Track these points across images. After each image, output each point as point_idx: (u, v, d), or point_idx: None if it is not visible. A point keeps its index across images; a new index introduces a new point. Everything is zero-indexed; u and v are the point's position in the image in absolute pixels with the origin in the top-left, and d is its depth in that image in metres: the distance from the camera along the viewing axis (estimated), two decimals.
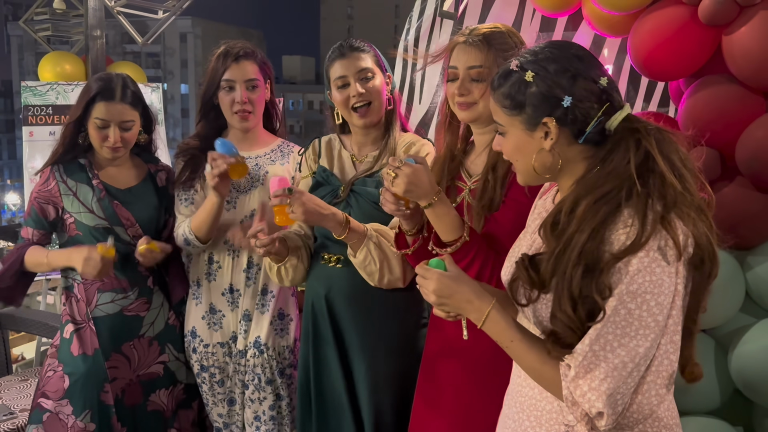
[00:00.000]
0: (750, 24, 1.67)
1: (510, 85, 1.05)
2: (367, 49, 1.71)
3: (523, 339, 1.04)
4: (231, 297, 1.93)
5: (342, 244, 1.69)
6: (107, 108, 1.83)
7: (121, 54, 34.91)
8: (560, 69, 1.02)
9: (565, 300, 0.97)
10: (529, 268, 1.03)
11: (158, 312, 1.99)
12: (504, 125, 1.08)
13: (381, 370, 1.69)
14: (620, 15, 2.02)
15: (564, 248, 0.98)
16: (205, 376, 1.97)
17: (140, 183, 1.97)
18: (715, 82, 1.79)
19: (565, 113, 1.02)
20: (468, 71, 1.39)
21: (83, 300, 1.92)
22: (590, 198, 0.99)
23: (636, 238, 0.94)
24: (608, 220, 0.97)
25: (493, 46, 1.38)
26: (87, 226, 1.88)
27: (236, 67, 1.84)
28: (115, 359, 1.93)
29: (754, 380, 1.77)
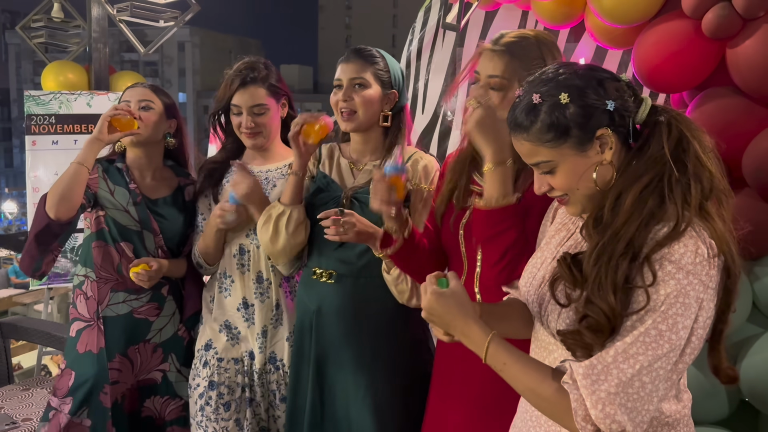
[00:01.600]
0: (754, 36, 1.69)
1: (545, 116, 1.00)
2: (373, 60, 1.69)
3: (518, 360, 1.00)
4: (246, 312, 1.89)
5: (334, 259, 1.69)
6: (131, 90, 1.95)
7: (119, 62, 34.97)
8: (586, 81, 1.00)
9: (607, 287, 0.94)
10: (572, 266, 1.00)
11: (168, 320, 1.99)
12: (552, 160, 1.02)
13: (381, 387, 1.67)
14: (623, 28, 2.03)
15: (609, 240, 0.96)
16: (212, 395, 1.87)
17: (170, 195, 1.99)
18: (721, 95, 1.80)
19: (612, 119, 0.99)
20: (488, 80, 1.40)
21: (94, 298, 1.93)
22: (635, 189, 0.96)
23: (676, 226, 0.93)
24: (655, 212, 0.95)
25: (516, 56, 1.38)
26: (118, 223, 1.91)
27: (243, 92, 1.83)
28: (119, 361, 1.93)
29: (762, 390, 1.77)
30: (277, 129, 1.93)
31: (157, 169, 2.00)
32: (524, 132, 1.02)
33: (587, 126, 0.99)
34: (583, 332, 0.96)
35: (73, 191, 1.79)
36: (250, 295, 1.89)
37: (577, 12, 2.28)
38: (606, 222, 0.98)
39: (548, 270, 1.09)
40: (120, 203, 1.91)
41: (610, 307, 0.94)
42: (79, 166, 1.79)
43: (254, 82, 1.84)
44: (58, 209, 1.79)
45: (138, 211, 1.92)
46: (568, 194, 1.04)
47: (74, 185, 1.79)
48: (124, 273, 1.90)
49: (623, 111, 1.00)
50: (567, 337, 0.99)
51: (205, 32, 46.79)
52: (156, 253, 1.95)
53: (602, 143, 1.00)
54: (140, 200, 1.93)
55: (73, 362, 1.94)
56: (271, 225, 1.70)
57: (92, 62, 3.49)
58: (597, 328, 0.95)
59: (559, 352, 1.08)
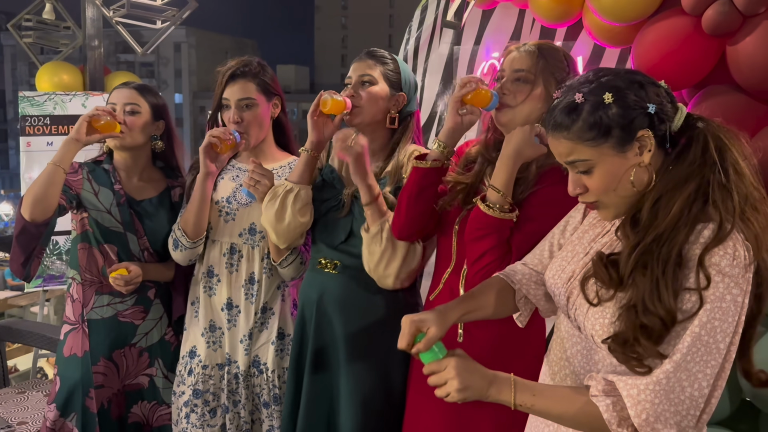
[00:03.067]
0: (754, 33, 1.67)
1: (587, 114, 1.01)
2: (384, 61, 1.72)
3: (543, 393, 1.02)
4: (230, 314, 1.88)
5: (339, 251, 1.70)
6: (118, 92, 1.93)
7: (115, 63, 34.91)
8: (629, 83, 1.01)
9: (665, 292, 0.94)
10: (608, 266, 1.01)
11: (155, 324, 1.97)
12: (591, 159, 1.03)
13: (369, 379, 1.68)
14: (622, 26, 2.02)
15: (654, 243, 0.97)
16: (198, 403, 1.86)
17: (157, 196, 1.97)
18: (720, 92, 1.79)
19: (652, 121, 1.01)
20: (514, 74, 1.43)
21: (79, 300, 1.92)
22: (684, 194, 0.98)
23: (721, 230, 0.95)
24: (699, 216, 0.97)
25: (543, 55, 1.42)
26: (101, 225, 1.89)
27: (231, 86, 1.84)
28: (104, 365, 1.91)
29: (764, 390, 1.76)
30: (266, 128, 1.90)
31: (144, 170, 1.98)
32: (564, 130, 1.03)
33: (629, 127, 1.00)
34: (642, 341, 0.95)
35: (47, 192, 1.76)
36: (236, 297, 1.88)
37: (575, 10, 2.27)
38: (644, 224, 1.00)
39: (579, 265, 1.11)
40: (103, 204, 1.89)
41: (668, 312, 0.94)
42: (54, 167, 1.76)
43: (244, 76, 1.84)
44: (33, 211, 1.77)
45: (120, 213, 1.89)
46: (602, 197, 1.05)
47: (49, 186, 1.76)
48: (108, 275, 1.89)
49: (662, 115, 1.01)
50: (619, 349, 0.98)
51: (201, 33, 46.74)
52: (141, 256, 1.92)
53: (641, 145, 1.01)
54: (123, 201, 1.91)
55: (61, 367, 1.93)
56: (278, 201, 1.69)
57: (87, 63, 3.48)
58: (654, 334, 0.95)
59: (582, 345, 1.10)
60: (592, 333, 1.04)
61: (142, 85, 1.98)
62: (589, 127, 1.01)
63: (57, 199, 1.79)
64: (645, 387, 0.94)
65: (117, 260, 1.90)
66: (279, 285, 1.91)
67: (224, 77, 1.84)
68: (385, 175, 1.70)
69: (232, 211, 1.89)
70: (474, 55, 2.81)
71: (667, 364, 0.94)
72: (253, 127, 1.85)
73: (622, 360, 0.98)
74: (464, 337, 1.48)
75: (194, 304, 1.93)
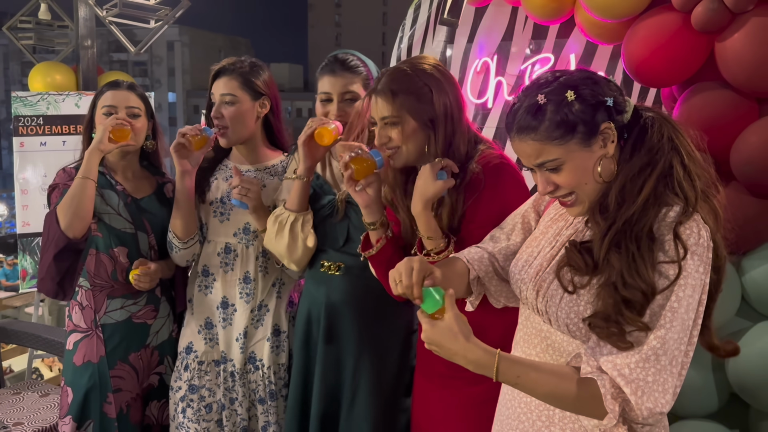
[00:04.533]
0: (743, 30, 1.69)
1: (552, 114, 1.04)
2: (359, 70, 1.71)
3: (531, 369, 1.03)
4: (225, 313, 1.89)
5: (342, 253, 1.72)
6: (113, 94, 1.91)
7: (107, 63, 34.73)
8: (584, 80, 1.05)
9: (642, 266, 0.98)
10: (582, 252, 1.04)
11: (164, 322, 1.98)
12: (559, 157, 1.05)
13: (377, 374, 1.71)
14: (613, 22, 2.04)
15: (626, 225, 1.01)
16: (194, 398, 1.88)
17: (153, 193, 1.98)
18: (709, 88, 1.81)
19: (611, 113, 1.05)
20: (382, 121, 1.44)
21: (90, 307, 1.90)
22: (651, 178, 1.02)
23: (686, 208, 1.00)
24: (665, 199, 1.02)
25: (398, 93, 1.41)
26: (113, 228, 1.88)
27: (217, 82, 1.86)
28: (121, 369, 1.90)
29: (751, 384, 1.78)
30: (250, 126, 1.89)
31: (135, 170, 1.98)
32: (532, 132, 1.05)
33: (592, 121, 1.04)
34: (624, 313, 0.98)
35: (84, 207, 1.78)
36: (231, 295, 1.89)
37: (567, 7, 2.28)
38: (613, 210, 1.03)
39: (546, 258, 1.13)
40: (111, 207, 1.89)
41: (648, 284, 0.97)
42: (85, 181, 1.77)
43: (229, 73, 1.84)
44: (74, 227, 1.78)
45: (130, 213, 1.90)
46: (575, 192, 1.08)
47: (84, 200, 1.77)
48: (120, 279, 1.88)
49: (619, 107, 1.06)
50: (601, 325, 1.00)
51: (194, 31, 46.56)
52: (149, 254, 1.93)
53: (605, 137, 1.05)
54: (130, 201, 1.91)
55: (71, 378, 1.90)
56: (286, 234, 1.70)
57: (80, 63, 3.47)
58: (637, 306, 0.98)
59: (552, 338, 1.11)
60: (567, 322, 1.06)
61: (131, 84, 1.97)
62: (556, 125, 1.03)
63: (92, 211, 1.81)
64: (636, 365, 0.97)
65: (127, 262, 1.89)
66: (275, 283, 1.92)
67: (212, 74, 1.87)
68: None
69: (226, 212, 1.90)
70: (467, 52, 2.83)
71: (653, 341, 0.97)
72: (234, 124, 1.85)
73: (605, 335, 1.00)
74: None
75: (191, 302, 1.95)
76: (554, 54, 2.53)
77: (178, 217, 1.84)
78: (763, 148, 1.70)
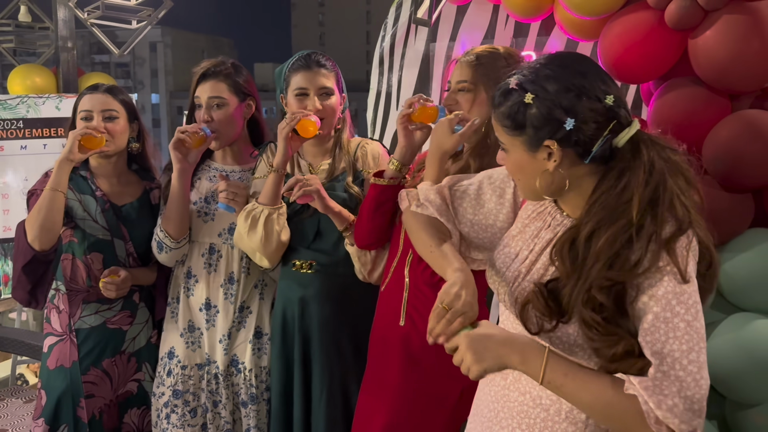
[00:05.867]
0: (714, 27, 1.72)
1: (510, 105, 1.02)
2: (331, 68, 1.78)
3: (578, 373, 0.96)
4: (208, 314, 1.89)
5: (313, 250, 1.75)
6: (89, 98, 1.88)
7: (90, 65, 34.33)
8: (561, 89, 0.98)
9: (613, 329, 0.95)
10: (548, 298, 0.99)
11: (141, 328, 1.96)
12: (505, 144, 1.06)
13: (343, 373, 1.75)
14: (591, 20, 2.06)
15: (590, 281, 0.95)
16: (178, 404, 1.87)
17: (136, 200, 1.96)
18: (682, 85, 1.84)
19: (568, 135, 0.98)
20: (456, 86, 1.52)
21: (66, 311, 1.89)
22: (612, 229, 0.95)
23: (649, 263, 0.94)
24: (626, 246, 0.95)
25: (482, 64, 1.49)
26: (88, 234, 1.87)
27: (203, 85, 1.86)
28: (94, 374, 1.89)
29: (725, 375, 1.80)
30: (239, 128, 1.90)
31: (122, 174, 1.96)
32: (494, 108, 1.07)
33: (539, 132, 1.00)
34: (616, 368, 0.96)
35: (52, 220, 1.75)
36: (214, 297, 1.88)
37: (547, 5, 2.31)
38: (583, 256, 0.97)
39: (525, 265, 1.09)
40: (88, 213, 1.87)
41: (622, 339, 0.95)
42: (53, 193, 1.74)
43: (215, 76, 1.85)
44: (41, 240, 1.75)
45: (107, 219, 1.88)
46: (515, 179, 1.10)
47: (52, 213, 1.75)
48: (94, 284, 1.87)
49: (581, 134, 0.98)
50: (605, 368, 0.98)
51: (176, 32, 46.14)
52: (127, 261, 1.92)
53: (549, 153, 1.01)
54: (108, 207, 1.89)
55: (45, 381, 1.90)
56: (260, 228, 1.70)
57: (60, 65, 3.44)
58: (626, 358, 0.95)
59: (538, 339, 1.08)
60: (551, 335, 1.02)
61: (111, 86, 1.96)
62: (507, 116, 1.03)
63: (61, 223, 1.78)
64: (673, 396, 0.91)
65: (102, 268, 1.88)
66: (256, 284, 1.91)
67: (197, 77, 1.86)
68: (342, 171, 1.77)
69: (210, 212, 1.89)
70: (450, 51, 2.85)
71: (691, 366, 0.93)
72: (224, 127, 1.86)
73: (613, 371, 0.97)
74: (406, 322, 1.53)
75: (171, 305, 1.93)
76: (536, 52, 2.56)
77: (172, 216, 1.82)
78: (733, 143, 1.74)
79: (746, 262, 1.80)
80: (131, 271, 1.90)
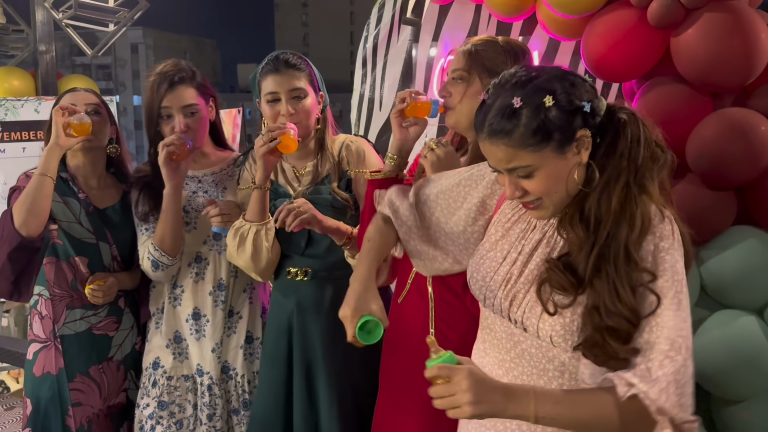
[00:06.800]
0: (696, 26, 1.74)
1: (529, 120, 0.98)
2: (302, 67, 1.70)
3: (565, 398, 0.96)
4: (197, 324, 1.84)
5: (307, 257, 1.71)
6: (72, 95, 1.86)
7: (70, 67, 33.91)
8: (562, 83, 1.00)
9: (625, 293, 0.95)
10: (566, 270, 0.99)
11: (127, 334, 1.92)
12: (532, 164, 1.00)
13: (349, 381, 1.70)
14: (574, 18, 2.07)
15: (606, 242, 0.98)
16: (163, 415, 1.82)
17: (118, 203, 1.92)
18: (665, 83, 1.85)
19: (586, 119, 1.00)
20: (452, 74, 1.47)
21: (49, 317, 1.85)
22: (617, 188, 0.99)
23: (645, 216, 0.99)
24: (637, 210, 0.99)
25: (479, 53, 1.44)
26: (72, 237, 1.83)
27: (172, 94, 1.76)
28: (81, 382, 1.85)
29: (710, 372, 1.82)
30: (206, 132, 1.86)
31: (101, 176, 1.92)
32: (505, 137, 0.99)
33: (569, 129, 0.99)
34: (611, 344, 0.95)
35: (40, 204, 1.71)
36: (202, 305, 1.84)
37: (529, 4, 2.31)
38: (595, 222, 0.99)
39: (517, 267, 1.08)
40: (73, 215, 1.84)
41: (631, 310, 0.95)
42: (42, 178, 1.71)
43: (183, 82, 1.77)
44: (29, 225, 1.71)
45: (91, 222, 1.85)
46: (543, 198, 1.03)
47: (40, 198, 1.71)
48: (80, 289, 1.83)
49: (595, 111, 1.01)
50: (592, 352, 0.98)
51: (158, 33, 45.80)
52: (112, 265, 1.88)
53: (579, 144, 1.00)
54: (92, 210, 1.86)
55: (31, 388, 1.86)
56: (249, 246, 1.67)
57: (38, 67, 3.39)
58: (623, 336, 0.95)
59: (525, 345, 1.07)
60: (551, 333, 1.02)
61: (90, 89, 1.95)
62: (533, 132, 0.98)
63: (48, 209, 1.74)
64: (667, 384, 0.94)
65: (88, 272, 1.84)
66: (245, 288, 1.89)
67: (161, 87, 1.76)
68: (328, 173, 1.73)
69: (191, 220, 1.84)
70: (432, 51, 2.84)
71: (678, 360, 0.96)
72: (199, 133, 1.81)
73: (599, 362, 0.97)
74: (436, 334, 1.48)
75: (155, 315, 1.89)
76: None
77: (168, 234, 1.76)
78: (716, 142, 1.75)
79: (730, 259, 1.81)
80: (116, 275, 1.86)
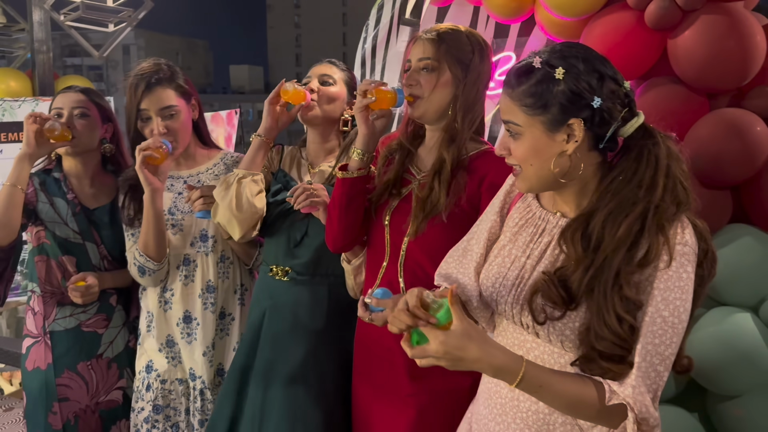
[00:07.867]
0: (693, 28, 1.77)
1: (535, 82, 0.98)
2: (343, 68, 1.77)
3: (555, 380, 0.97)
4: (188, 328, 1.82)
5: (291, 257, 1.68)
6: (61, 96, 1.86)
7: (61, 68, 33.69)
8: (589, 68, 0.98)
9: (612, 320, 0.94)
10: (558, 286, 0.98)
11: (118, 331, 1.92)
12: (521, 125, 1.00)
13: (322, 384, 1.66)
14: (572, 20, 2.10)
15: (602, 267, 0.96)
16: (159, 419, 1.81)
17: (109, 203, 1.92)
18: (662, 84, 1.88)
19: (592, 115, 0.97)
20: (418, 63, 1.43)
21: (41, 313, 1.87)
22: (629, 216, 0.97)
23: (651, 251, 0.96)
24: (637, 238, 0.96)
25: (445, 41, 1.42)
26: (59, 237, 1.83)
27: (149, 96, 1.74)
28: (68, 377, 1.85)
29: (706, 368, 1.84)
30: (189, 133, 1.83)
31: (95, 176, 1.92)
32: (510, 89, 1.02)
33: (566, 109, 0.98)
34: (602, 364, 0.96)
35: (9, 216, 1.71)
36: (192, 308, 1.82)
37: (527, 5, 2.34)
38: (597, 241, 0.98)
39: (527, 270, 1.07)
40: (60, 215, 1.84)
41: (618, 338, 0.95)
42: (12, 188, 1.70)
43: (160, 83, 1.75)
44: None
45: (78, 223, 1.85)
46: (522, 166, 1.03)
47: (10, 209, 1.71)
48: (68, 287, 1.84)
49: (605, 114, 0.98)
50: (588, 368, 0.98)
51: (150, 34, 45.59)
52: (101, 265, 1.88)
53: (570, 133, 0.99)
54: (79, 210, 1.86)
55: (25, 382, 1.87)
56: (232, 190, 1.63)
57: (35, 68, 3.39)
58: (614, 357, 0.96)
59: (538, 351, 1.07)
60: (562, 338, 1.02)
61: (86, 88, 1.93)
62: (531, 94, 0.99)
63: (19, 220, 1.73)
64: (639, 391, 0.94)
65: (76, 271, 1.85)
66: (236, 290, 1.87)
67: (138, 88, 1.74)
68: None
69: (178, 222, 1.82)
70: None
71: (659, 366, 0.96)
72: (180, 134, 1.78)
73: (598, 374, 0.97)
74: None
75: (147, 318, 1.86)
76: (516, 52, 2.59)
77: (151, 239, 1.74)
78: (712, 141, 1.78)
79: (726, 257, 1.84)
80: (105, 275, 1.86)
